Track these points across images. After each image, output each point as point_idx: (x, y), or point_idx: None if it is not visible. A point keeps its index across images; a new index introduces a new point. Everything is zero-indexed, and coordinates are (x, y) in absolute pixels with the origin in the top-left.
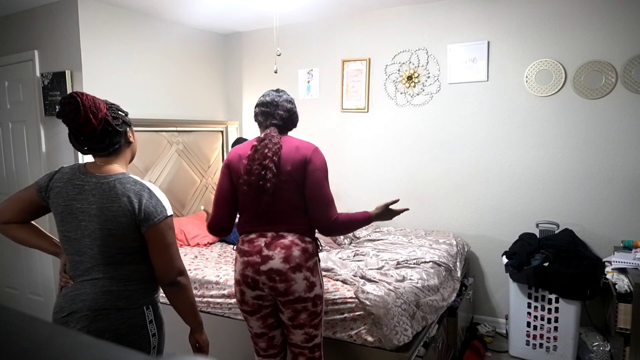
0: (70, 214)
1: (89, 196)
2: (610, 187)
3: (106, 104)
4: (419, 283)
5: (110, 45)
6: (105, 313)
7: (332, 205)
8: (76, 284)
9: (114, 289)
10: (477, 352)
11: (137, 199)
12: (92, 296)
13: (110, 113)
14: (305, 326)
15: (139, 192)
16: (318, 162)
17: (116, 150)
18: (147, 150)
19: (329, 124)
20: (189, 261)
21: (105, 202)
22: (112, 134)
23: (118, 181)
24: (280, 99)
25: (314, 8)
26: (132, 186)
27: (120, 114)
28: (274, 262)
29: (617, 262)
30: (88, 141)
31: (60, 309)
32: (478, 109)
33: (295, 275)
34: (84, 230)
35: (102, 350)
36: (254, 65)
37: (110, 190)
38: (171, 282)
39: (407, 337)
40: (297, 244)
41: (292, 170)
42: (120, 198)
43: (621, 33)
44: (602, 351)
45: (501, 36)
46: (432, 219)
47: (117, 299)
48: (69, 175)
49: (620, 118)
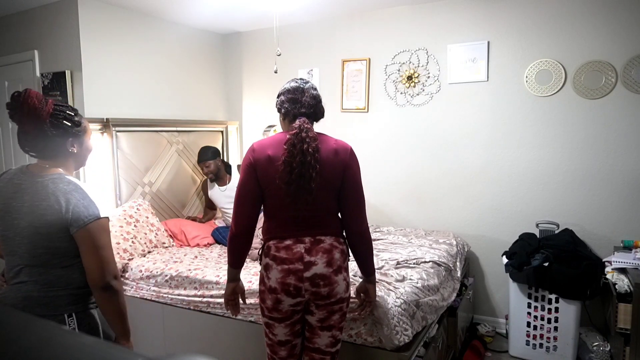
0: (8, 213)
1: (23, 195)
2: (610, 187)
3: (57, 110)
4: (418, 283)
5: (110, 45)
6: None
7: (364, 210)
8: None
9: (34, 295)
10: (477, 352)
11: (66, 198)
12: (12, 301)
13: (52, 120)
14: (334, 328)
15: (70, 192)
16: (356, 166)
17: (52, 156)
18: (147, 150)
19: (329, 124)
20: (188, 261)
21: (35, 201)
22: (46, 140)
23: (51, 180)
24: (306, 85)
25: (314, 8)
26: (64, 186)
27: (64, 124)
28: (317, 267)
29: (617, 262)
30: (25, 141)
31: None
32: (478, 109)
33: (337, 277)
34: (16, 229)
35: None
36: (254, 65)
37: (43, 189)
38: (103, 286)
39: (407, 337)
40: (336, 246)
41: (330, 176)
42: (50, 197)
43: (621, 33)
44: (602, 351)
45: (501, 36)
46: (432, 219)
47: (35, 305)
48: (11, 175)
49: (620, 118)
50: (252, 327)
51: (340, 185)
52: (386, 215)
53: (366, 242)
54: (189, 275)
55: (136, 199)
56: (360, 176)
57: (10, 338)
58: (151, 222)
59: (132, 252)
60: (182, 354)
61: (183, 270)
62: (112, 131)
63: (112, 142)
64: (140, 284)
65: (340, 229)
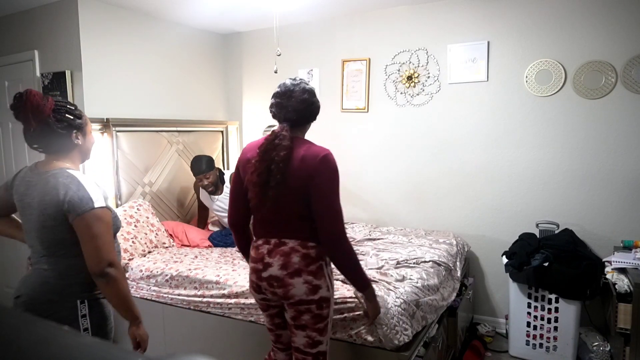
0: (23, 209)
1: (33, 191)
2: (610, 187)
3: (58, 105)
4: (418, 283)
5: (110, 45)
6: (37, 303)
7: (336, 217)
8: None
9: (50, 281)
10: (477, 352)
11: (64, 190)
12: (33, 285)
13: (55, 115)
14: (308, 328)
15: (68, 184)
16: (326, 173)
17: (58, 150)
18: (147, 150)
19: (329, 124)
20: (189, 261)
21: (42, 196)
22: (51, 134)
23: (52, 175)
24: (296, 88)
25: (314, 8)
26: (63, 179)
27: (67, 117)
28: (272, 269)
29: (617, 262)
30: (31, 138)
31: (16, 290)
32: (478, 109)
33: (293, 279)
34: (30, 223)
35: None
36: (254, 65)
37: (47, 184)
38: (100, 273)
39: (407, 337)
40: (298, 250)
41: (295, 184)
42: (51, 191)
43: (621, 33)
44: (602, 351)
45: (501, 36)
46: (432, 219)
47: (51, 291)
48: (24, 173)
49: (620, 118)
50: (252, 327)
51: (307, 191)
52: (386, 215)
53: (339, 251)
54: (189, 275)
55: (136, 199)
56: (332, 183)
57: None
58: (151, 222)
59: (132, 252)
60: (182, 354)
61: (183, 270)
62: (112, 131)
63: (112, 142)
64: (140, 284)
65: (309, 233)
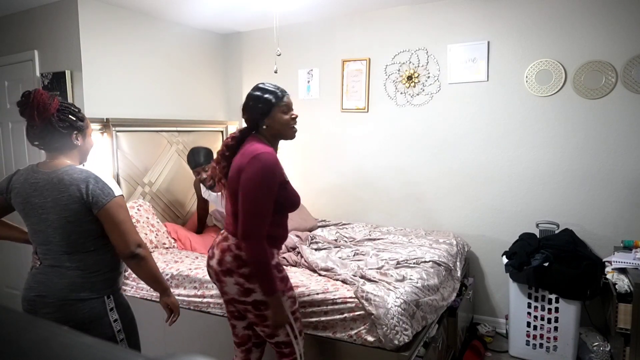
0: (32, 210)
1: (43, 191)
2: (610, 187)
3: (62, 106)
4: (418, 283)
5: (110, 45)
6: (70, 303)
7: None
8: (45, 267)
9: (78, 281)
10: (477, 352)
11: (84, 185)
12: (59, 286)
13: (58, 115)
14: (257, 325)
15: (85, 179)
16: (250, 171)
17: (58, 148)
18: (147, 150)
19: (329, 124)
20: (189, 261)
21: (57, 194)
22: (53, 132)
23: (65, 173)
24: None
25: (314, 8)
26: (78, 175)
27: (70, 118)
28: (213, 261)
29: (617, 262)
30: (33, 135)
31: (29, 287)
32: (478, 109)
33: (226, 278)
34: (46, 222)
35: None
36: (254, 65)
37: (59, 182)
38: (130, 254)
39: (407, 337)
40: (232, 250)
41: (230, 181)
42: (69, 187)
43: (621, 33)
44: (602, 351)
45: (501, 36)
46: (432, 219)
47: (80, 290)
48: (25, 176)
49: (620, 118)
50: None
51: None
52: (386, 215)
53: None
54: (189, 274)
55: (137, 200)
56: (251, 182)
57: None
58: (152, 223)
59: None
60: (182, 354)
61: (183, 270)
62: (112, 131)
63: (112, 142)
64: (140, 284)
65: None
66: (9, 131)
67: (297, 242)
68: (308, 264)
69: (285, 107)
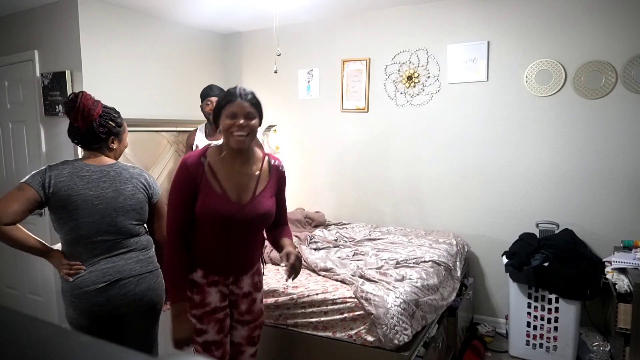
0: (85, 202)
1: (99, 183)
2: (610, 187)
3: (105, 112)
4: (418, 282)
5: (110, 45)
6: (144, 277)
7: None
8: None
9: (142, 258)
10: (477, 352)
11: (144, 179)
12: (128, 267)
13: (100, 120)
14: None
15: (142, 174)
16: None
17: (97, 149)
18: (147, 150)
19: (329, 124)
20: None
21: (119, 185)
22: (93, 135)
23: (121, 167)
24: None
25: (314, 8)
26: (134, 170)
27: (110, 124)
28: None
29: (617, 262)
30: (74, 134)
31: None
32: (478, 109)
33: None
34: (102, 213)
35: (102, 350)
36: (254, 65)
37: (119, 175)
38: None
39: (407, 337)
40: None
41: None
42: (131, 180)
43: (621, 33)
44: (602, 351)
45: (501, 36)
46: (432, 219)
47: (147, 264)
48: (70, 170)
49: (620, 118)
50: None
51: None
52: (386, 215)
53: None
54: None
55: None
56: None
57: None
58: None
59: None
60: (182, 353)
61: None
62: None
63: None
64: None
65: None
66: (9, 131)
67: (296, 242)
68: (307, 264)
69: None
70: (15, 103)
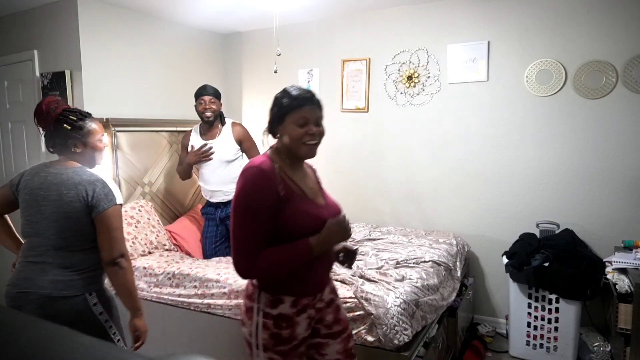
0: (35, 201)
1: (50, 186)
2: (611, 187)
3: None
4: (418, 282)
5: (110, 45)
6: (53, 299)
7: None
8: (28, 264)
9: (60, 279)
10: (477, 352)
11: (92, 187)
12: (41, 283)
13: (56, 124)
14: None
15: (93, 182)
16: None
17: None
18: (147, 150)
19: (329, 124)
20: (190, 261)
21: (63, 190)
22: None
23: (74, 172)
24: None
25: (314, 8)
26: (87, 177)
27: (65, 127)
28: None
29: (618, 262)
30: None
31: (13, 284)
32: (478, 109)
33: None
34: (43, 214)
35: (101, 350)
36: (254, 65)
37: (68, 180)
38: (112, 261)
39: (407, 337)
40: None
41: None
42: (77, 186)
43: (621, 33)
44: (602, 351)
45: (501, 36)
46: (432, 219)
47: (63, 288)
48: (36, 170)
49: (621, 118)
50: None
51: None
52: (386, 215)
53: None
54: (189, 273)
55: (138, 200)
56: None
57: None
58: (152, 224)
59: (132, 253)
60: (182, 354)
61: (184, 269)
62: (112, 131)
63: (112, 142)
64: (140, 284)
65: None
66: (8, 131)
67: None
68: None
69: (301, 118)
70: (14, 103)
